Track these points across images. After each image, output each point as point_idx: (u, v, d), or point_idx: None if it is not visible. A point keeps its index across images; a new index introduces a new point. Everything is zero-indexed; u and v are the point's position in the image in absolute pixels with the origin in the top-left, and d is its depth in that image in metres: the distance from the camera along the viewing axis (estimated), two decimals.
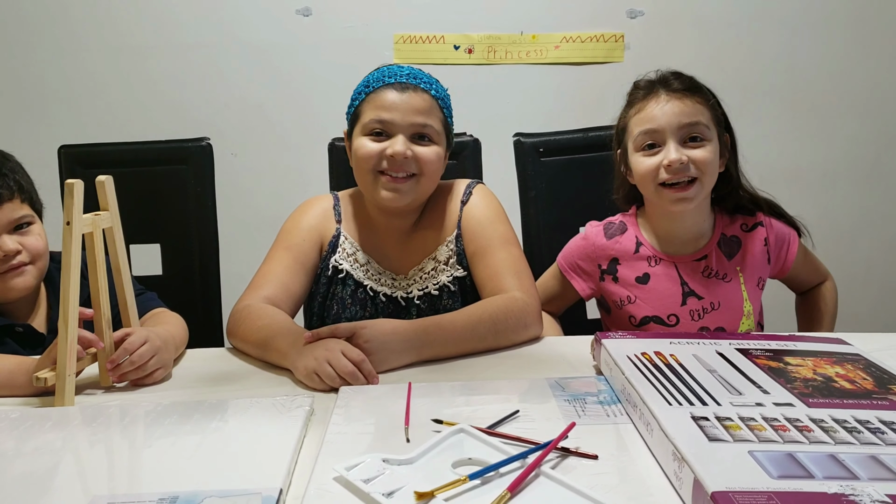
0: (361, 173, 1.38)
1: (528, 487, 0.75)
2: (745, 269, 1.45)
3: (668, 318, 1.44)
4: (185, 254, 1.73)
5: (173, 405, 1.01)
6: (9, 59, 2.53)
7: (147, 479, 0.81)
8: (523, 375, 1.13)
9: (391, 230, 1.45)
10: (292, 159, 2.61)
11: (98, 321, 1.12)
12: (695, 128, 1.36)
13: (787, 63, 2.67)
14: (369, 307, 1.42)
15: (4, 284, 1.26)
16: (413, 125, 1.34)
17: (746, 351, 1.06)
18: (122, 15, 2.52)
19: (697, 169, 1.35)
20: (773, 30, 2.65)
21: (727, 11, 2.62)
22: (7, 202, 1.25)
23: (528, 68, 2.62)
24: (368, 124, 1.35)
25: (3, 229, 1.25)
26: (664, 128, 1.37)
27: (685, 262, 1.45)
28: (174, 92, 2.57)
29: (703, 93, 1.40)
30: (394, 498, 0.73)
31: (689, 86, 1.40)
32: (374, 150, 1.34)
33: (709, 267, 1.45)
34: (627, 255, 1.48)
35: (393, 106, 1.34)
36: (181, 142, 1.75)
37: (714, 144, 1.38)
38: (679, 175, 1.36)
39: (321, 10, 2.56)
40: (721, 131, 1.40)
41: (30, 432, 0.93)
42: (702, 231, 1.46)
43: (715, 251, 1.45)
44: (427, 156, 1.35)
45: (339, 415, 0.96)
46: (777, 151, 2.69)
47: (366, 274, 1.43)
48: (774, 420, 0.81)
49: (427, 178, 1.37)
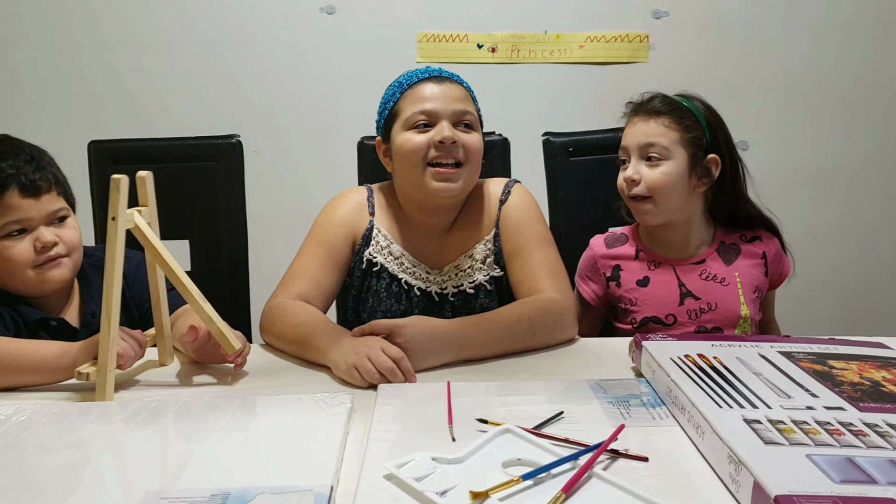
0: (409, 168, 1.37)
1: (582, 489, 0.75)
2: (742, 275, 1.48)
3: (667, 317, 1.46)
4: (214, 250, 1.73)
5: (214, 401, 1.01)
6: (37, 56, 2.53)
7: (197, 475, 0.80)
8: (561, 376, 1.12)
9: (428, 227, 1.45)
10: (315, 157, 2.61)
11: (193, 303, 1.11)
12: (651, 148, 1.43)
13: (811, 64, 2.65)
14: (404, 301, 1.42)
15: (41, 276, 1.27)
16: (455, 112, 1.36)
17: (790, 354, 1.05)
18: (148, 13, 2.52)
19: (650, 189, 1.43)
20: (798, 30, 2.63)
21: (752, 12, 2.61)
22: (45, 194, 1.26)
23: (551, 68, 2.61)
24: (411, 118, 1.36)
25: (41, 221, 1.26)
26: (629, 146, 1.47)
27: (684, 265, 1.49)
28: (198, 89, 2.57)
29: (676, 115, 1.44)
30: (447, 497, 0.73)
31: (659, 108, 1.45)
32: (422, 140, 1.34)
33: (706, 270, 1.48)
34: (628, 261, 1.52)
35: (434, 96, 1.36)
36: (211, 138, 1.74)
37: (672, 165, 1.42)
38: (634, 191, 1.45)
39: (345, 8, 2.55)
40: (695, 152, 1.43)
41: (73, 426, 0.93)
42: (699, 240, 1.51)
43: (713, 256, 1.50)
44: (472, 142, 1.36)
45: (382, 412, 0.96)
46: (801, 153, 2.67)
47: (400, 267, 1.43)
48: (827, 424, 0.81)
49: (473, 166, 1.38)
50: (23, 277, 1.26)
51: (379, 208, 1.48)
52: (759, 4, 2.60)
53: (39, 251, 1.25)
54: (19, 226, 1.24)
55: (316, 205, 1.53)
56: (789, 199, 1.52)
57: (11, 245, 1.24)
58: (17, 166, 1.24)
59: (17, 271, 1.25)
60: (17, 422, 0.95)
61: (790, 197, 2.59)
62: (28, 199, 1.24)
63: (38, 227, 1.26)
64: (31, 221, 1.25)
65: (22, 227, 1.25)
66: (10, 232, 1.24)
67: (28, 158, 1.27)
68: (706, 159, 1.44)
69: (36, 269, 1.26)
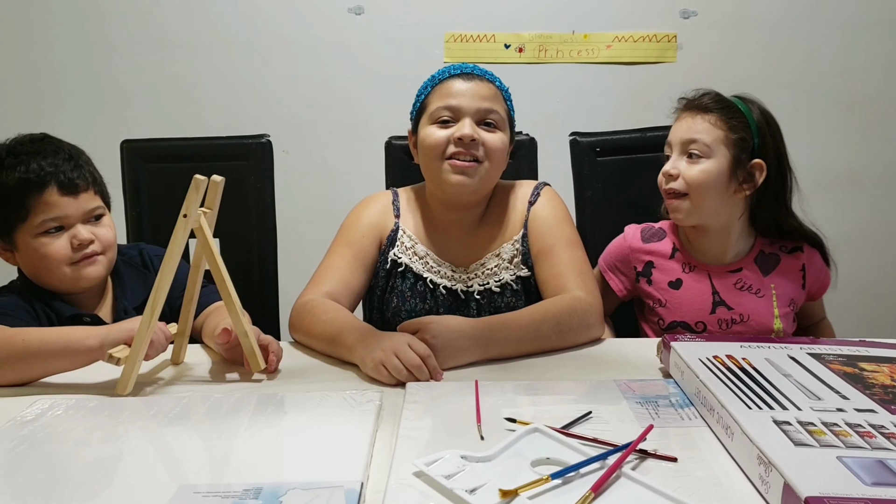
0: (429, 161, 1.39)
1: (611, 488, 0.75)
2: (778, 287, 1.45)
3: (696, 324, 1.44)
4: (244, 248, 1.75)
5: (244, 398, 1.03)
6: (70, 55, 2.58)
7: (229, 471, 0.82)
8: (588, 377, 1.13)
9: (454, 224, 1.46)
10: (343, 156, 2.63)
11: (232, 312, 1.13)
12: (693, 145, 1.40)
13: (841, 63, 2.63)
14: (429, 300, 1.43)
15: (77, 273, 1.29)
16: (479, 110, 1.37)
17: (819, 355, 1.04)
18: (180, 15, 2.56)
19: (687, 186, 1.40)
20: (826, 29, 2.61)
21: (781, 12, 2.59)
22: (83, 192, 1.29)
23: (579, 67, 2.61)
24: (435, 112, 1.38)
25: (78, 219, 1.29)
26: (672, 141, 1.45)
27: (719, 272, 1.46)
28: (227, 89, 2.60)
29: (724, 114, 1.40)
30: (476, 495, 0.73)
31: (707, 105, 1.42)
32: (442, 136, 1.36)
33: (742, 280, 1.45)
34: (663, 259, 1.50)
35: (459, 93, 1.37)
36: (241, 138, 1.76)
37: (712, 163, 1.39)
38: (669, 186, 1.43)
39: (373, 8, 2.57)
40: (739, 154, 1.39)
41: (108, 421, 0.95)
42: (737, 247, 1.47)
43: (751, 265, 1.46)
44: (493, 142, 1.37)
45: (411, 410, 0.97)
46: (830, 153, 2.65)
47: (425, 266, 1.44)
48: (858, 426, 0.80)
49: (493, 165, 1.38)
50: (59, 274, 1.28)
51: (404, 210, 1.50)
52: (787, 3, 2.59)
53: (76, 248, 1.28)
54: (57, 223, 1.27)
55: (343, 204, 1.55)
56: (817, 200, 1.50)
57: (49, 242, 1.27)
58: (55, 164, 1.27)
59: (53, 268, 1.28)
60: (53, 416, 0.97)
61: (818, 198, 2.54)
62: (66, 197, 1.27)
63: (75, 224, 1.28)
64: (69, 219, 1.28)
65: (59, 225, 1.27)
66: (48, 229, 1.27)
67: (66, 157, 1.29)
68: (751, 163, 1.39)
69: (72, 266, 1.29)
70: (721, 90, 1.48)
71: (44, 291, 1.31)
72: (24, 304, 1.29)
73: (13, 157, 1.27)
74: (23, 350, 1.09)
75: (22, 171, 1.25)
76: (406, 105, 1.48)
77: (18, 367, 1.11)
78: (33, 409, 0.99)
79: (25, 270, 1.33)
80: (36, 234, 1.26)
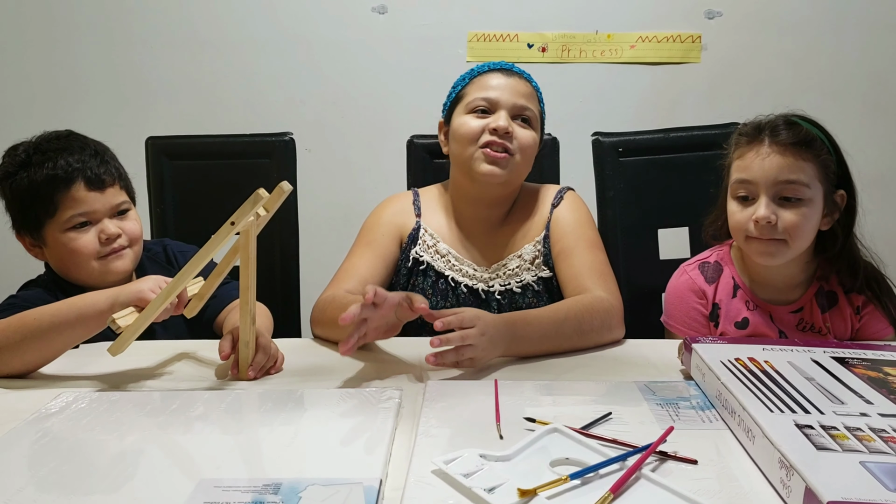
0: (462, 149, 1.41)
1: (630, 490, 0.75)
2: (833, 325, 1.35)
3: None
4: (266, 246, 1.75)
5: (265, 394, 1.04)
6: (94, 52, 2.61)
7: (249, 466, 0.83)
8: (608, 377, 1.12)
9: (476, 223, 1.47)
10: (365, 155, 2.64)
11: (244, 317, 1.12)
12: (791, 186, 1.25)
13: (869, 65, 2.59)
14: (450, 298, 1.43)
15: (105, 267, 1.31)
16: (515, 106, 1.40)
17: (843, 359, 1.03)
18: (201, 12, 2.58)
19: (786, 232, 1.26)
20: (853, 30, 2.57)
21: (807, 12, 2.56)
22: (109, 188, 1.31)
23: (602, 67, 2.60)
24: (472, 102, 1.41)
25: (105, 214, 1.31)
26: (758, 181, 1.26)
27: (781, 312, 1.36)
28: (251, 87, 2.62)
29: (814, 147, 1.27)
30: (495, 494, 0.73)
31: (798, 139, 1.26)
32: (478, 125, 1.39)
33: (804, 320, 1.35)
34: (726, 300, 1.38)
35: (499, 86, 1.41)
36: (265, 136, 1.78)
37: (812, 206, 1.26)
38: (765, 233, 1.27)
39: (396, 7, 2.58)
40: (830, 188, 1.28)
41: (130, 415, 0.97)
42: (798, 280, 1.36)
43: (812, 303, 1.35)
44: (525, 138, 1.40)
45: (430, 408, 0.97)
46: (858, 156, 2.59)
47: (446, 265, 1.45)
48: (882, 431, 0.79)
49: (523, 160, 1.41)
50: (87, 268, 1.31)
51: (426, 209, 1.50)
52: (813, 4, 2.55)
53: (104, 243, 1.30)
54: (84, 218, 1.29)
55: (365, 202, 1.55)
56: None
57: (77, 237, 1.29)
58: (82, 160, 1.29)
59: (81, 262, 1.30)
60: (77, 409, 0.98)
61: None
62: (93, 193, 1.29)
63: (102, 219, 1.31)
64: (96, 214, 1.30)
65: (87, 220, 1.30)
66: (76, 224, 1.29)
67: (93, 153, 1.32)
68: (836, 194, 1.29)
69: (100, 261, 1.31)
70: (746, 92, 1.47)
71: (69, 285, 1.34)
72: (50, 297, 1.30)
73: (40, 155, 1.29)
74: (37, 329, 1.10)
75: (49, 167, 1.27)
76: (429, 104, 1.49)
77: (38, 347, 1.11)
78: (57, 402, 1.00)
79: (54, 265, 1.35)
80: (64, 230, 1.29)
